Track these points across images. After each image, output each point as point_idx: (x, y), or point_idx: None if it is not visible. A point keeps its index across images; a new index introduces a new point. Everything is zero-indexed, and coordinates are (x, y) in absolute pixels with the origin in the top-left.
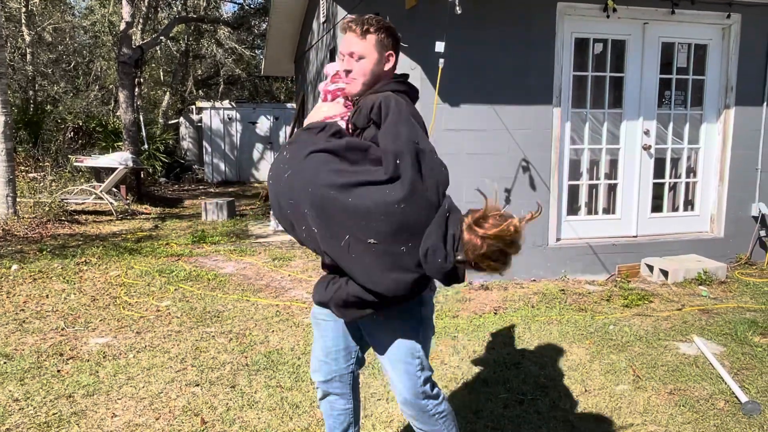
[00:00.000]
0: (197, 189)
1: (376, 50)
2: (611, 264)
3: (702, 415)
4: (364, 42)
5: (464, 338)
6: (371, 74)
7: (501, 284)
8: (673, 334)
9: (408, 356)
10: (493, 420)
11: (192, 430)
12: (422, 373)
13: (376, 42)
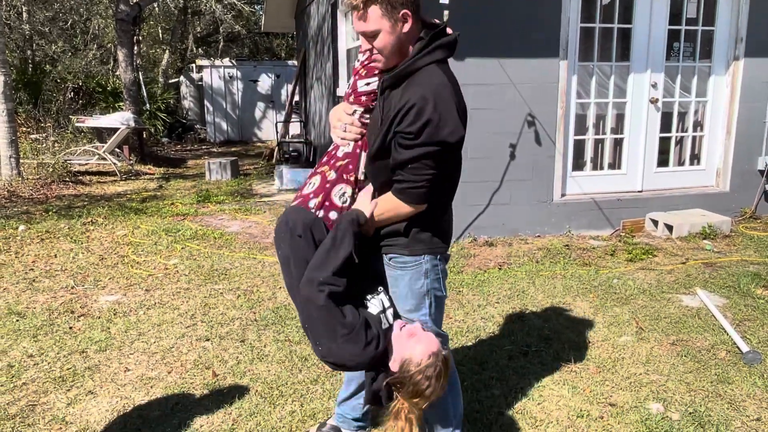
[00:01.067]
0: (200, 149)
1: (385, 19)
2: (616, 219)
3: (703, 365)
4: (368, 17)
5: (469, 293)
6: (391, 46)
7: (505, 240)
8: (677, 287)
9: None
10: (497, 371)
11: (204, 382)
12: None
13: (380, 12)
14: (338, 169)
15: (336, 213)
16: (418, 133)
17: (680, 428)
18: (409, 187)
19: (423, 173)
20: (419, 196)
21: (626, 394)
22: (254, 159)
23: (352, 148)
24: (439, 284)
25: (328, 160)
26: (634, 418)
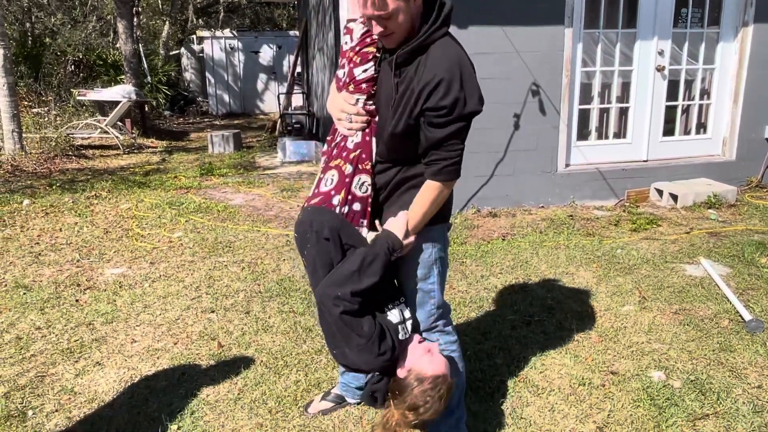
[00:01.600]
0: (202, 121)
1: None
2: (620, 189)
3: (705, 333)
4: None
5: (472, 264)
6: (406, 24)
7: (509, 211)
8: (680, 256)
9: (423, 292)
10: (500, 340)
11: (210, 353)
12: (437, 310)
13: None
14: (353, 161)
15: (359, 204)
16: (451, 107)
17: (681, 396)
18: (447, 165)
19: (457, 148)
20: (456, 171)
21: (628, 363)
22: (257, 131)
23: (361, 137)
24: (445, 253)
25: (339, 152)
26: (635, 385)
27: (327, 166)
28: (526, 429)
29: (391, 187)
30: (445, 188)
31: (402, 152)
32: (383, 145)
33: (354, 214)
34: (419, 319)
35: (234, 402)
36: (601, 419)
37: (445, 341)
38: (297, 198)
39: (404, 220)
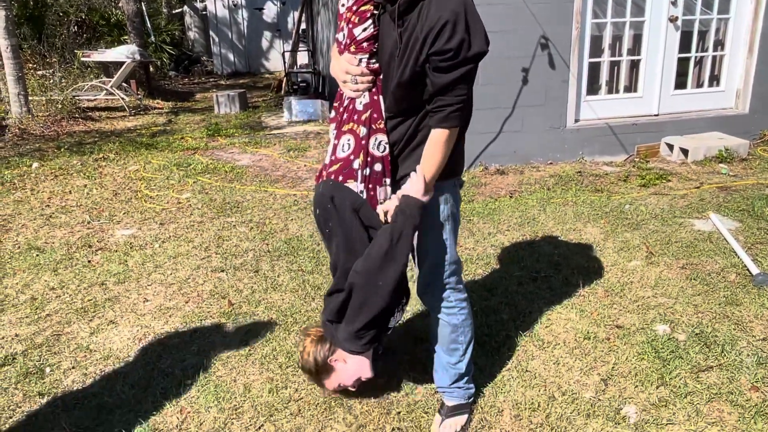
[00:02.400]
0: (208, 81)
1: None
2: (630, 144)
3: (712, 288)
4: None
5: (479, 221)
6: None
7: (517, 168)
8: (689, 211)
9: (436, 248)
10: (506, 296)
11: (220, 311)
12: (449, 267)
13: None
14: (365, 122)
15: (380, 164)
16: (457, 50)
17: (686, 348)
18: (452, 111)
19: (462, 92)
20: (461, 117)
21: (633, 317)
22: (262, 91)
23: (369, 97)
24: (457, 209)
25: (350, 116)
26: (640, 339)
27: (340, 131)
28: (531, 381)
29: (404, 142)
30: (452, 136)
31: (410, 102)
32: (391, 97)
33: (376, 174)
34: (431, 276)
35: (245, 358)
36: (605, 372)
37: (456, 298)
38: (304, 158)
39: (417, 179)
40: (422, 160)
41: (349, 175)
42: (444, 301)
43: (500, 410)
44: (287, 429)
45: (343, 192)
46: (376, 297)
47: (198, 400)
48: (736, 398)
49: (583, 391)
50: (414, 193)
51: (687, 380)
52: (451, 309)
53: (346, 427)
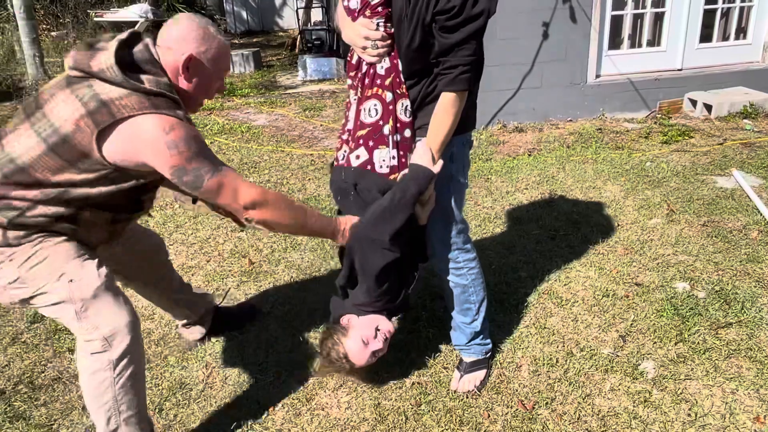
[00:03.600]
0: None
1: None
2: (652, 100)
3: (733, 245)
4: None
5: (497, 180)
6: None
7: (536, 126)
8: (712, 168)
9: (441, 208)
10: (525, 254)
11: (241, 269)
12: (455, 226)
13: None
14: (389, 87)
15: (408, 130)
16: (461, 7)
17: (705, 305)
18: (460, 73)
19: (469, 54)
20: (469, 79)
21: (653, 275)
22: (276, 49)
23: (390, 61)
24: (463, 170)
25: (371, 81)
26: (659, 296)
27: (363, 96)
28: (549, 338)
29: (419, 102)
30: (459, 100)
31: (422, 63)
32: (404, 60)
33: (406, 141)
34: (437, 238)
35: (267, 315)
36: (623, 328)
37: (464, 259)
38: (320, 117)
39: (426, 147)
40: (430, 128)
41: (381, 141)
42: (452, 262)
43: (518, 366)
44: (310, 384)
45: (367, 179)
46: (374, 255)
47: (222, 356)
48: (755, 354)
49: (601, 347)
50: (422, 161)
51: (706, 337)
52: (460, 270)
53: (367, 381)
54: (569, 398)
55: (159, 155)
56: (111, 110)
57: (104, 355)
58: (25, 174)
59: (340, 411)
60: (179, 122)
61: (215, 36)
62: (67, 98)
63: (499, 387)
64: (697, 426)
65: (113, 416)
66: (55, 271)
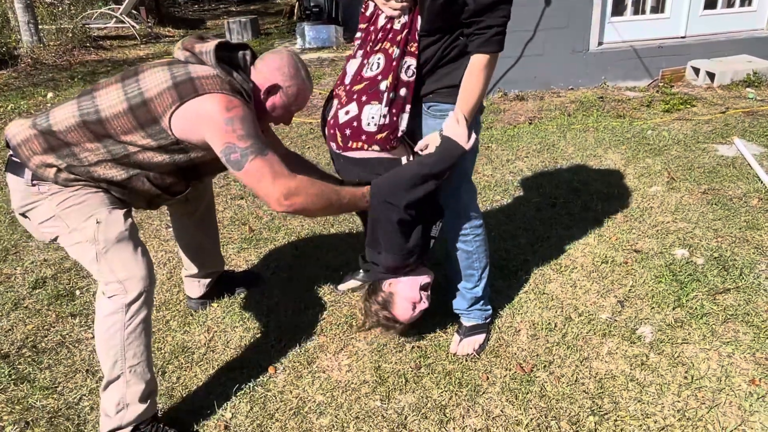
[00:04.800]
0: (218, 8)
1: None
2: (655, 68)
3: (733, 212)
4: None
5: (497, 148)
6: None
7: (537, 94)
8: (713, 137)
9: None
10: (524, 222)
11: (242, 237)
12: (466, 193)
13: None
14: (400, 44)
15: (405, 89)
16: None
17: (704, 272)
18: (495, 34)
19: (505, 13)
20: (502, 41)
21: (652, 242)
22: (274, 17)
23: (408, 17)
24: (476, 134)
25: (384, 35)
26: (658, 263)
27: (371, 50)
28: (548, 303)
29: (434, 62)
30: (492, 62)
31: (444, 20)
32: (426, 14)
33: (401, 99)
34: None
35: (268, 281)
36: (622, 294)
37: (471, 225)
38: (319, 86)
39: (459, 119)
40: (461, 94)
41: (375, 96)
42: (458, 228)
43: (517, 330)
44: (310, 347)
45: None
46: (392, 215)
47: (224, 321)
48: (752, 319)
49: (599, 312)
50: (457, 137)
51: (704, 302)
52: (466, 236)
53: (367, 345)
54: (567, 361)
55: (216, 129)
56: (195, 85)
57: (118, 298)
58: (101, 126)
59: (341, 373)
60: (241, 103)
61: (303, 79)
62: (162, 71)
63: (497, 351)
64: (693, 388)
65: (119, 361)
66: (86, 213)
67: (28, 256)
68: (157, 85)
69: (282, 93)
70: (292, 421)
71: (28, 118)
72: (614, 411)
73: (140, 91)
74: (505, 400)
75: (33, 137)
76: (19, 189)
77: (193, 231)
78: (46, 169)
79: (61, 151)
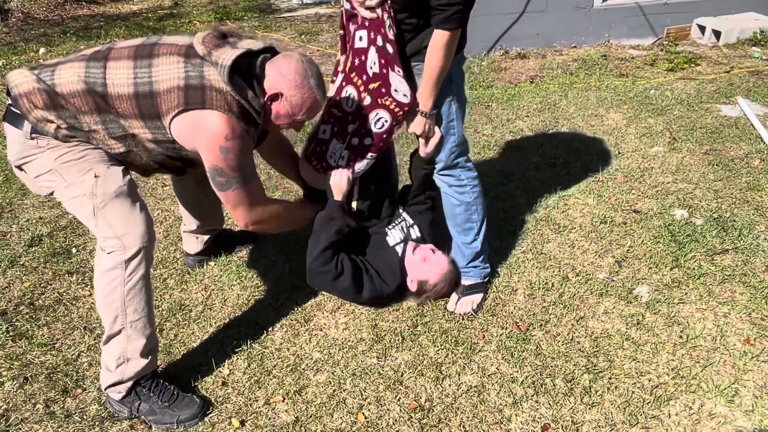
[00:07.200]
0: None
1: None
2: (660, 26)
3: (734, 173)
4: None
5: (498, 108)
6: None
7: (539, 52)
8: (717, 96)
9: (446, 128)
10: (523, 182)
11: None
12: (458, 147)
13: None
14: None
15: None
16: None
17: (703, 232)
18: (456, 12)
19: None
20: (463, 19)
21: (652, 202)
22: None
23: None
24: (461, 86)
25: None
26: (657, 223)
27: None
28: (546, 263)
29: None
30: (453, 39)
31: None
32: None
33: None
34: (441, 158)
35: (264, 241)
36: (619, 254)
37: (467, 177)
38: (317, 42)
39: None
40: (425, 68)
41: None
42: (455, 179)
43: (514, 289)
44: (308, 305)
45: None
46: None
47: (221, 279)
48: (749, 280)
49: (597, 272)
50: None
51: (701, 262)
52: (464, 188)
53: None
54: (563, 320)
55: (210, 152)
56: (204, 97)
57: (117, 254)
58: (104, 101)
59: (338, 331)
60: (242, 135)
61: (311, 88)
62: (177, 63)
63: (494, 310)
64: (688, 347)
65: (120, 316)
66: (84, 168)
67: (23, 213)
68: (169, 80)
69: (285, 101)
70: (290, 378)
71: (33, 70)
72: (609, 369)
73: (150, 81)
74: (500, 358)
75: (36, 91)
76: (18, 141)
77: (193, 188)
78: (46, 124)
79: (63, 112)
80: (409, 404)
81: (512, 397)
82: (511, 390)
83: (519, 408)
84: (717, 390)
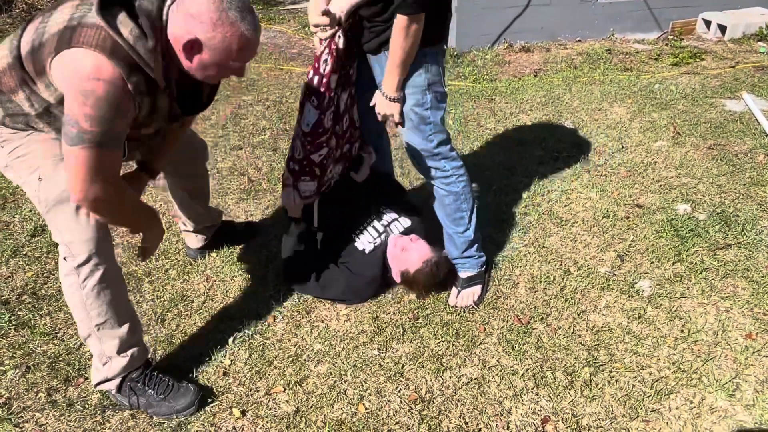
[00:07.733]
0: None
1: None
2: (665, 20)
3: (738, 168)
4: None
5: (501, 101)
6: None
7: (543, 45)
8: (722, 91)
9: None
10: (526, 175)
11: (240, 188)
12: (435, 136)
13: None
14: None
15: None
16: None
17: (705, 227)
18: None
19: None
20: (420, 4)
21: (655, 197)
22: None
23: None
24: (440, 78)
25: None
26: (659, 218)
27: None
28: (548, 257)
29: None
30: (413, 24)
31: None
32: None
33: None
34: (417, 146)
35: (267, 231)
36: (622, 248)
37: (452, 167)
38: None
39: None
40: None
41: None
42: (440, 171)
43: (516, 283)
44: (309, 297)
45: None
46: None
47: (223, 270)
48: (751, 275)
49: (598, 266)
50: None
51: (704, 257)
52: (449, 178)
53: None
54: (564, 314)
55: (70, 93)
56: (73, 34)
57: (70, 260)
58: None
59: (339, 323)
60: (114, 81)
61: (234, 23)
62: (71, 8)
63: (495, 303)
64: (690, 341)
65: (85, 319)
66: (32, 166)
67: (26, 204)
68: (55, 25)
69: (206, 48)
70: (291, 368)
71: None
72: (609, 362)
73: (41, 33)
74: (501, 351)
75: None
76: None
77: (180, 193)
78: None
79: (2, 97)
80: (410, 396)
81: (512, 390)
82: (512, 382)
83: (519, 400)
84: (718, 384)
